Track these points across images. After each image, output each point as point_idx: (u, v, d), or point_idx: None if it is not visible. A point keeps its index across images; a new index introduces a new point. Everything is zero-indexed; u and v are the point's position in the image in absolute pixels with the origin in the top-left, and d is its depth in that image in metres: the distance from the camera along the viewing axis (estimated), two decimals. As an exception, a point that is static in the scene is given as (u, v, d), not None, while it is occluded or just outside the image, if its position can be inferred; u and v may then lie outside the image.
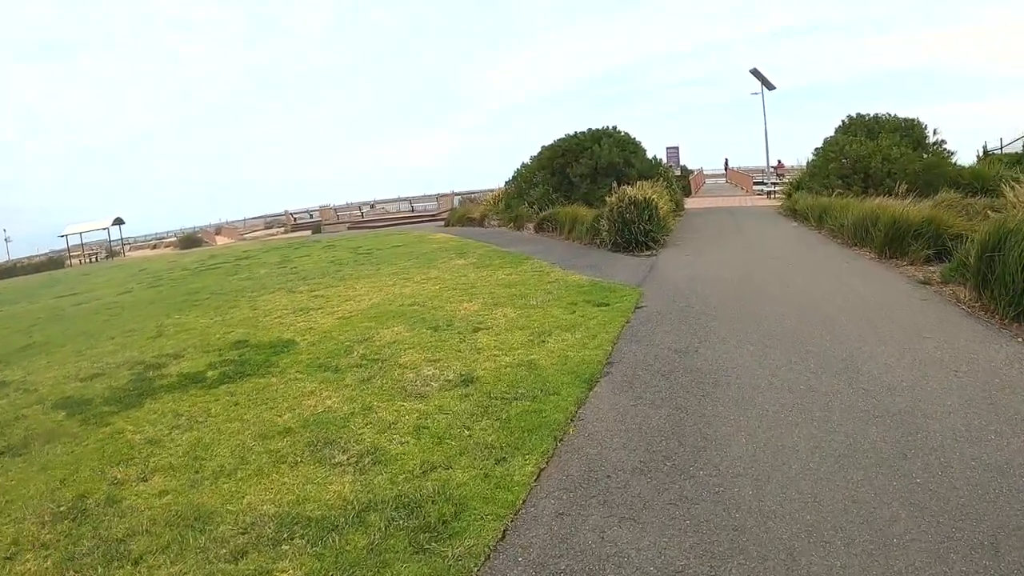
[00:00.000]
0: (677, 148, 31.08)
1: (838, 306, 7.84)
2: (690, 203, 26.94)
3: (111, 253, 37.11)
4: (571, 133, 21.53)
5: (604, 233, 14.27)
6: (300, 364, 7.53)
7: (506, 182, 25.34)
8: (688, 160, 41.62)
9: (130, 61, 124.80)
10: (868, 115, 23.36)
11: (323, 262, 16.71)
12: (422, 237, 21.33)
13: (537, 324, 8.01)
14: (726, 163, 55.10)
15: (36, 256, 37.22)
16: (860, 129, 22.34)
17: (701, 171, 49.30)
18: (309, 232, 34.44)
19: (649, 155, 21.65)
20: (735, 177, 44.75)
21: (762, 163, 37.96)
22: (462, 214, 26.33)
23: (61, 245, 36.89)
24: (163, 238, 45.13)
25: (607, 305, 8.65)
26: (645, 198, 13.82)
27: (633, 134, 21.26)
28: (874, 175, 18.86)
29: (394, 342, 8.00)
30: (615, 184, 18.43)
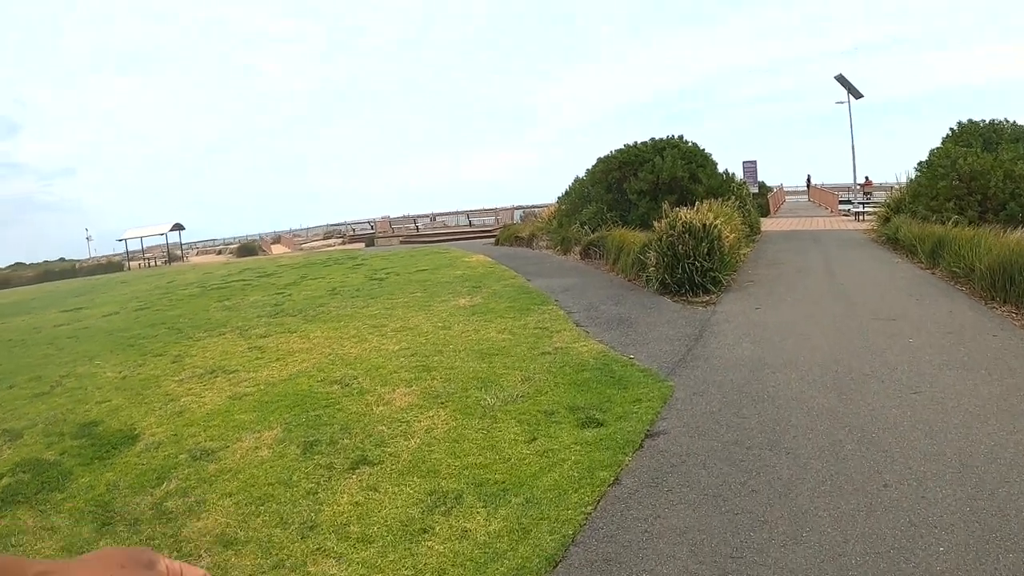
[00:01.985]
0: (755, 163, 26.28)
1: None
2: (768, 224, 22.07)
3: (172, 258, 36.28)
4: (631, 143, 17.54)
5: (651, 268, 10.35)
6: (88, 495, 5.05)
7: (558, 198, 21.56)
8: (766, 177, 36.38)
9: (208, 74, 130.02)
10: (983, 122, 18.20)
11: (322, 291, 13.63)
12: (455, 260, 17.92)
13: (457, 466, 4.29)
14: (808, 180, 48.68)
15: (95, 258, 37.08)
16: (974, 138, 17.15)
17: (781, 188, 43.60)
18: (363, 244, 32.08)
19: (721, 169, 17.33)
20: (818, 195, 38.99)
21: (848, 180, 32.51)
22: (511, 233, 22.77)
23: (131, 247, 36.54)
24: (229, 244, 44.25)
25: (601, 425, 4.74)
26: (704, 224, 9.77)
27: (704, 147, 17.06)
28: (994, 196, 13.79)
29: (229, 472, 4.80)
30: (677, 202, 14.36)
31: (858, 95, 29.04)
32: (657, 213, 14.63)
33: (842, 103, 29.18)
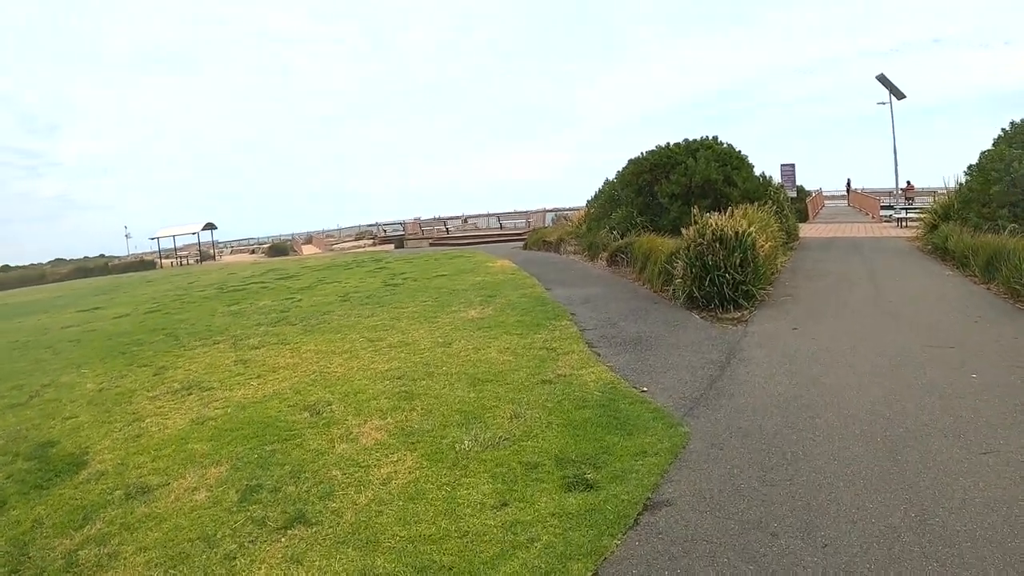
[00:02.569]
0: (792, 166, 24.56)
1: None
2: (806, 230, 20.54)
3: (204, 257, 36.37)
4: (663, 144, 16.43)
5: (678, 280, 9.33)
6: (10, 533, 4.57)
7: (588, 201, 20.52)
8: (804, 180, 34.50)
9: (248, 74, 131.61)
10: (1039, 121, 16.33)
11: (333, 297, 12.98)
12: (478, 265, 17.11)
13: (402, 538, 3.43)
14: (848, 184, 45.99)
15: (131, 256, 37.48)
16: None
17: (820, 193, 41.42)
18: (392, 246, 31.57)
19: (757, 172, 16.00)
20: (859, 200, 36.75)
21: (889, 184, 30.39)
22: (539, 237, 21.81)
23: (163, 245, 36.76)
24: (263, 243, 44.26)
25: (591, 488, 3.79)
26: (737, 232, 8.70)
27: (739, 149, 15.80)
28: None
29: (156, 518, 4.32)
30: (711, 207, 13.28)
31: (900, 96, 27.18)
32: (689, 218, 13.60)
33: (884, 104, 27.31)
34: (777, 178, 19.73)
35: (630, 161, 16.83)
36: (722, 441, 4.37)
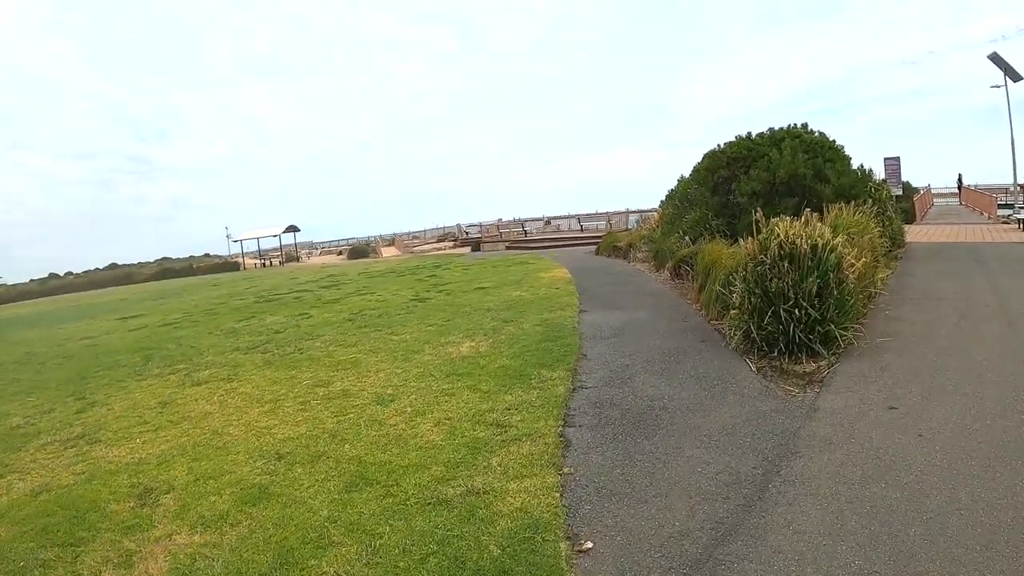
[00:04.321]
0: (897, 159, 20.19)
1: None
2: (913, 233, 16.25)
3: (289, 258, 36.43)
4: (743, 135, 13.41)
5: (733, 311, 6.67)
6: None
7: (661, 202, 17.70)
8: (910, 177, 29.35)
9: (346, 78, 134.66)
10: None
11: (344, 315, 11.32)
12: (528, 275, 14.92)
13: None
14: (959, 180, 38.48)
15: (213, 257, 38.21)
16: None
17: (928, 190, 35.20)
18: (469, 249, 29.96)
19: (856, 165, 12.52)
20: (972, 198, 30.39)
21: (1006, 180, 25.03)
22: (611, 242, 19.18)
23: (241, 248, 37.17)
24: (352, 244, 43.89)
25: None
26: (815, 246, 5.93)
27: (834, 139, 12.47)
28: None
29: None
30: (798, 207, 10.43)
31: (1017, 77, 22.03)
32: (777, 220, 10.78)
33: (998, 87, 22.31)
34: (882, 174, 16.00)
35: (705, 155, 13.91)
36: None
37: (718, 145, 13.55)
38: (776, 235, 6.14)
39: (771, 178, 11.80)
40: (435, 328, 8.97)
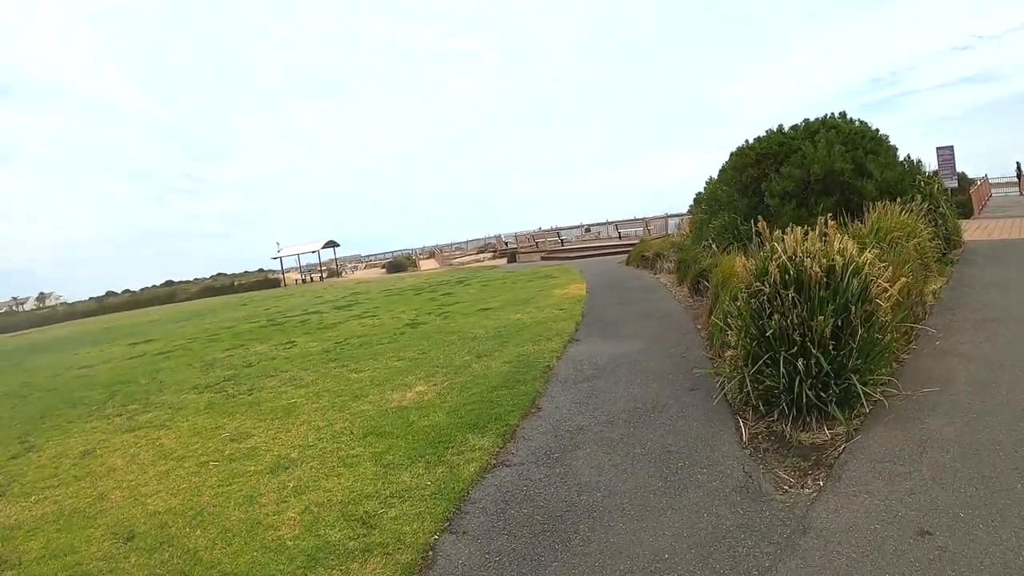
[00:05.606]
0: (951, 148, 17.63)
1: None
2: (971, 230, 13.48)
3: (331, 273, 36.02)
4: (775, 129, 11.57)
5: (729, 353, 5.09)
6: None
7: (689, 207, 15.91)
8: (963, 167, 26.06)
9: (394, 91, 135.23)
10: None
11: (327, 345, 10.44)
12: (541, 292, 13.59)
13: None
14: (1018, 168, 33.77)
15: (258, 273, 38.17)
16: None
17: (985, 180, 31.19)
18: (506, 260, 28.69)
19: (903, 156, 10.39)
20: None
21: None
22: (640, 251, 17.51)
23: (281, 264, 36.91)
24: (392, 258, 43.10)
25: None
26: (831, 267, 4.31)
27: (877, 128, 10.42)
28: None
29: None
30: (837, 206, 8.81)
31: None
32: (809, 222, 9.06)
33: None
34: (931, 165, 13.68)
35: (733, 153, 12.17)
36: None
37: (746, 141, 11.79)
38: (778, 253, 4.55)
39: (805, 175, 10.02)
40: (402, 364, 7.77)
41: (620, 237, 28.32)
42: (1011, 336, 5.48)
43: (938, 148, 18.74)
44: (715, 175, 12.89)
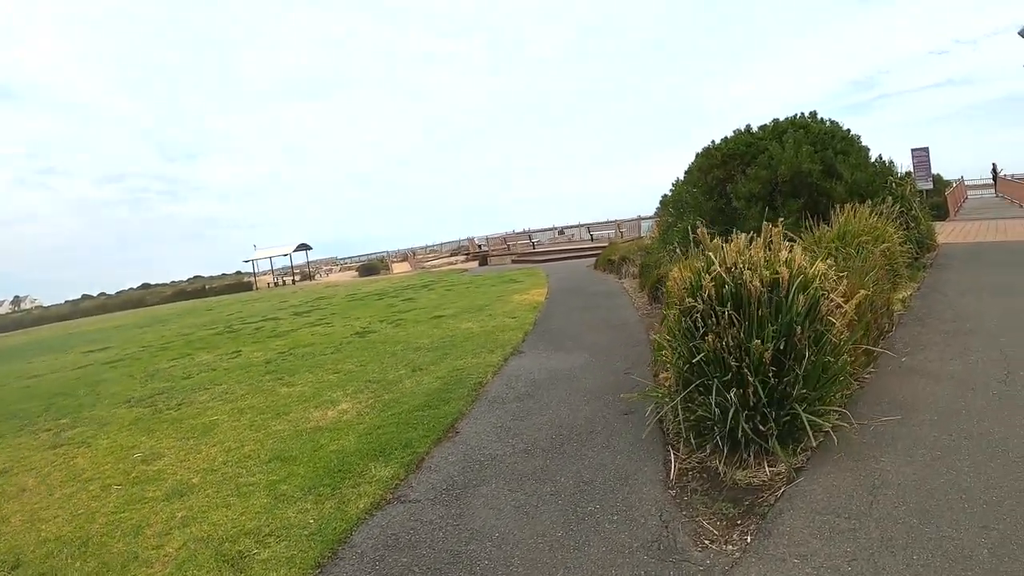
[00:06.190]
0: (926, 150, 17.43)
1: None
2: (946, 232, 13.44)
3: (305, 276, 35.21)
4: (742, 128, 11.06)
5: (663, 376, 4.48)
6: None
7: (656, 209, 15.41)
8: (942, 170, 26.01)
9: (381, 95, 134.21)
10: None
11: (269, 355, 9.83)
12: (500, 298, 13.02)
13: None
14: (994, 169, 34.35)
15: (220, 277, 37.26)
16: None
17: (961, 182, 30.87)
18: (478, 263, 28.06)
19: (882, 157, 9.92)
20: (1010, 189, 26.45)
21: None
22: (607, 256, 17.01)
23: (253, 267, 36.04)
24: (365, 261, 42.28)
25: None
26: (775, 281, 3.78)
27: (848, 128, 9.93)
28: None
29: None
30: (805, 209, 8.36)
31: None
32: (792, 227, 8.56)
33: None
34: (905, 167, 13.27)
35: (699, 153, 11.67)
36: None
37: (712, 141, 11.27)
38: (714, 267, 3.98)
39: (772, 176, 9.51)
40: (336, 378, 7.19)
41: (593, 240, 27.72)
42: (984, 350, 4.95)
43: (913, 150, 18.39)
44: (683, 176, 12.37)
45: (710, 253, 4.05)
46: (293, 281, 34.00)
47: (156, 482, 4.60)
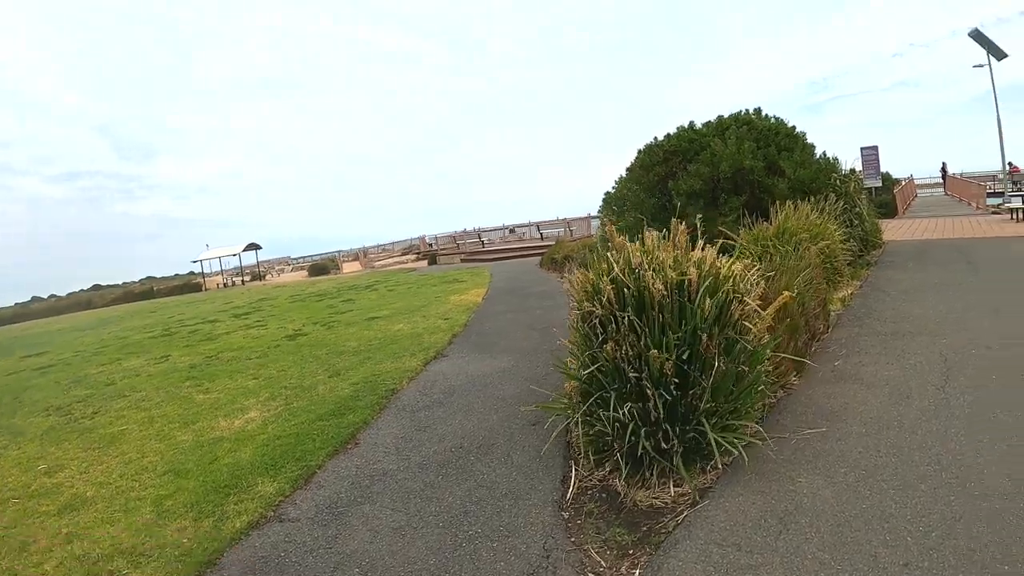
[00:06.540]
0: (875, 148, 17.90)
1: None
2: (893, 230, 13.72)
3: (255, 276, 34.23)
4: (685, 125, 10.90)
5: (567, 386, 4.22)
6: None
7: (599, 207, 15.21)
8: (895, 169, 26.80)
9: (346, 94, 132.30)
10: None
11: (205, 356, 9.37)
12: (439, 298, 12.70)
13: None
14: (943, 169, 35.69)
15: (174, 278, 36.05)
16: None
17: (911, 181, 31.94)
18: (427, 262, 27.60)
19: (830, 156, 9.93)
20: (958, 187, 27.53)
21: (994, 167, 23.00)
22: (551, 255, 16.79)
23: (201, 268, 34.93)
24: (316, 261, 41.37)
25: None
26: (681, 282, 3.52)
27: (793, 125, 9.89)
28: None
29: None
30: (748, 206, 8.19)
31: (1000, 55, 18.97)
32: (718, 223, 8.39)
33: (981, 66, 19.29)
34: (858, 165, 13.37)
35: (640, 150, 11.48)
36: None
37: (655, 138, 11.07)
38: (613, 264, 3.70)
39: (714, 173, 9.34)
40: (254, 384, 6.78)
41: (543, 238, 27.45)
42: (923, 353, 4.77)
43: (862, 148, 18.63)
44: (626, 173, 12.14)
45: (610, 253, 3.75)
46: (243, 282, 32.92)
47: (53, 495, 4.31)
